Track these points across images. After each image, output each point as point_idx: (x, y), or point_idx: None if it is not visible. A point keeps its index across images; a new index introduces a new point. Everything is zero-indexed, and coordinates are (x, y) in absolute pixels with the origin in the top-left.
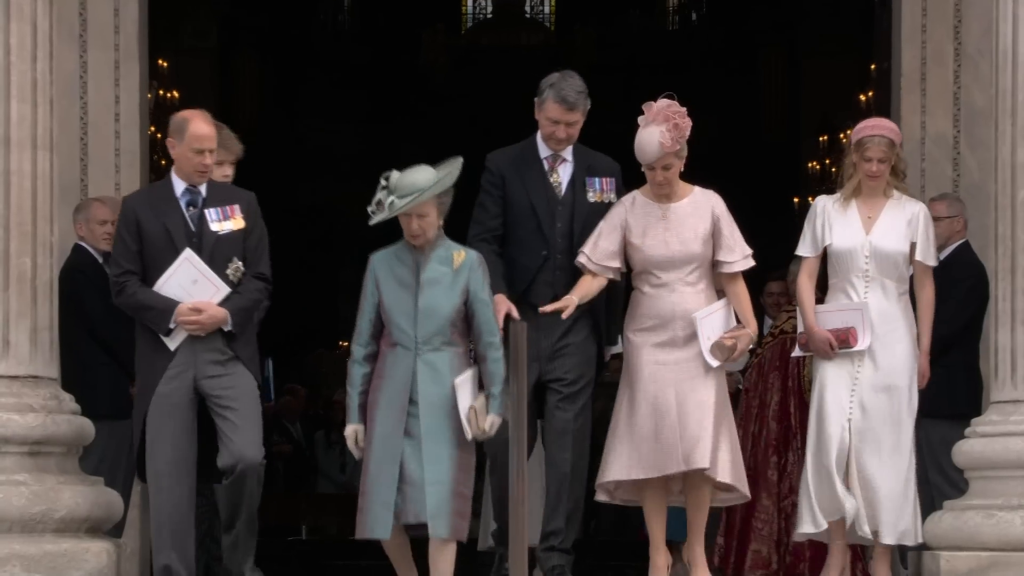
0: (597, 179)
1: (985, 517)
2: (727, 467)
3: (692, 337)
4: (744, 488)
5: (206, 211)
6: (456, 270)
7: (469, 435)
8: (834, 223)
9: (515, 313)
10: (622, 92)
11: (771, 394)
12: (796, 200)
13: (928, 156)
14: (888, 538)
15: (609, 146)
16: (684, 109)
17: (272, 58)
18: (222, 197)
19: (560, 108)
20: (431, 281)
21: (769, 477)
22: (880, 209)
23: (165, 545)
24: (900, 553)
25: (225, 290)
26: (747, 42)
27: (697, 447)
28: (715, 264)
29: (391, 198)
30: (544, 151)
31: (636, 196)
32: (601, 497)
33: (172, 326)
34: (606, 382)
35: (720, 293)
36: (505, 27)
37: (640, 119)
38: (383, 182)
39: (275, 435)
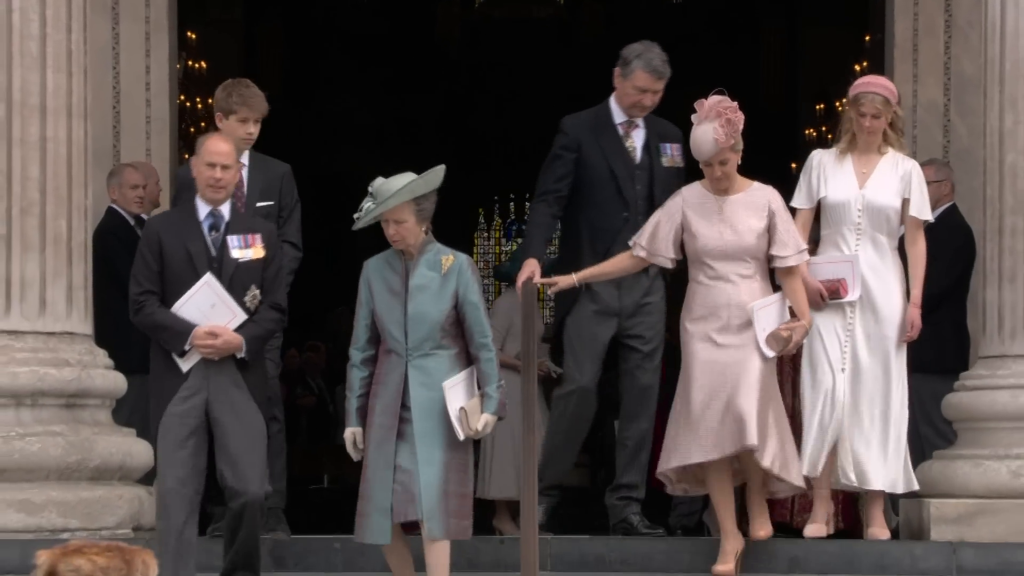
0: (668, 145)
1: (973, 466)
2: (773, 453)
3: (745, 327)
4: (793, 478)
5: (228, 237)
6: (444, 274)
7: (461, 436)
8: (829, 176)
9: (537, 277)
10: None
11: None
12: (793, 166)
13: (920, 123)
14: (877, 484)
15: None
16: (735, 104)
17: (294, 30)
18: (245, 226)
19: (650, 77)
20: (419, 287)
21: None
22: (874, 165)
23: (167, 569)
24: (891, 501)
25: (242, 316)
26: (748, 15)
27: (746, 428)
28: (769, 259)
29: (369, 203)
30: (619, 117)
31: (695, 187)
32: (669, 489)
33: (187, 348)
34: None
35: (777, 288)
36: (516, 0)
37: (693, 117)
38: (369, 190)
39: (299, 389)
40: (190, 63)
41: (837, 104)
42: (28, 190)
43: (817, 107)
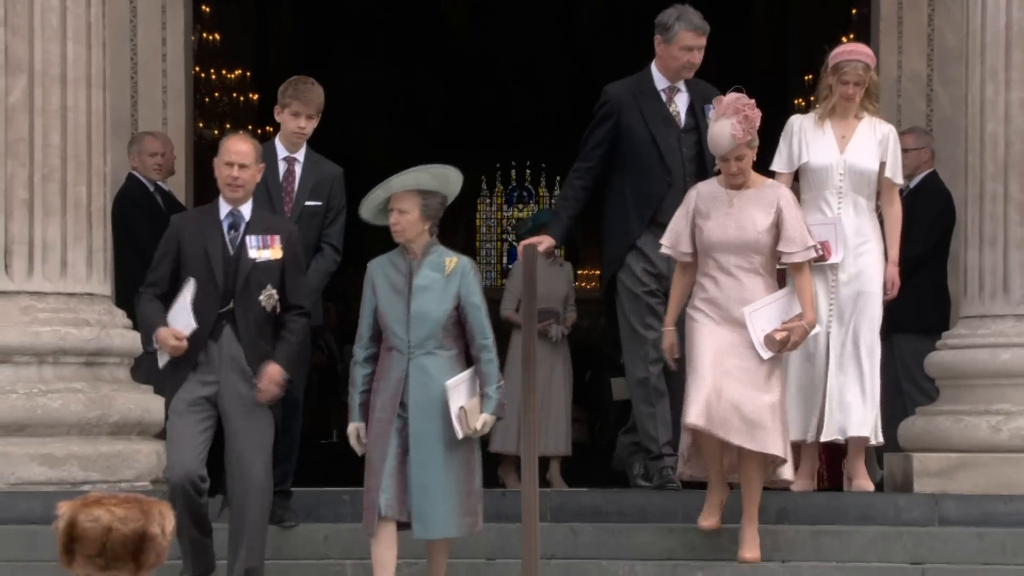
0: (711, 106)
1: (954, 422)
2: (779, 441)
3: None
4: (785, 474)
5: (247, 237)
6: (448, 276)
7: (460, 435)
8: (810, 141)
9: (543, 248)
10: (629, 43)
11: None
12: None
13: (904, 92)
14: (861, 431)
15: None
16: (753, 101)
17: (304, 5)
18: (265, 226)
19: (693, 34)
20: (422, 287)
21: None
22: (853, 129)
23: (187, 566)
24: (876, 455)
25: (192, 327)
26: None
27: (756, 432)
28: (777, 255)
29: (377, 191)
30: (661, 83)
31: (711, 182)
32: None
33: (155, 347)
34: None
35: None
36: None
37: (710, 113)
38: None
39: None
40: (204, 35)
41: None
42: (50, 157)
43: (806, 78)
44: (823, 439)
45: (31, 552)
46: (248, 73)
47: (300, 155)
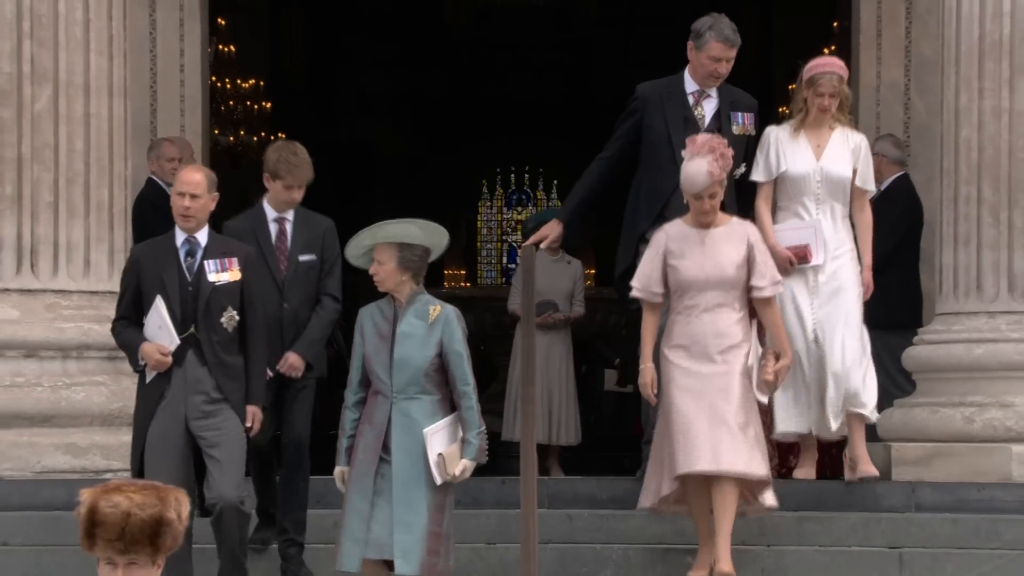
0: (740, 114)
1: (930, 413)
2: (755, 470)
3: (723, 352)
4: (766, 501)
5: (205, 262)
6: (431, 324)
7: (439, 480)
8: (787, 151)
9: (551, 237)
10: (622, 47)
11: None
12: None
13: (883, 101)
14: (859, 408)
15: (606, 110)
16: (725, 141)
17: (315, 13)
18: (222, 250)
19: (723, 46)
20: (406, 334)
21: None
22: (827, 138)
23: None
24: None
25: (176, 343)
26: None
27: (725, 455)
28: (748, 289)
29: (364, 238)
30: (690, 87)
31: (678, 223)
32: (654, 509)
33: (142, 364)
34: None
35: (756, 317)
36: None
37: (684, 152)
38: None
39: None
40: (220, 47)
41: None
42: (73, 162)
43: (790, 87)
44: (833, 429)
45: (55, 536)
46: (261, 83)
47: (289, 214)
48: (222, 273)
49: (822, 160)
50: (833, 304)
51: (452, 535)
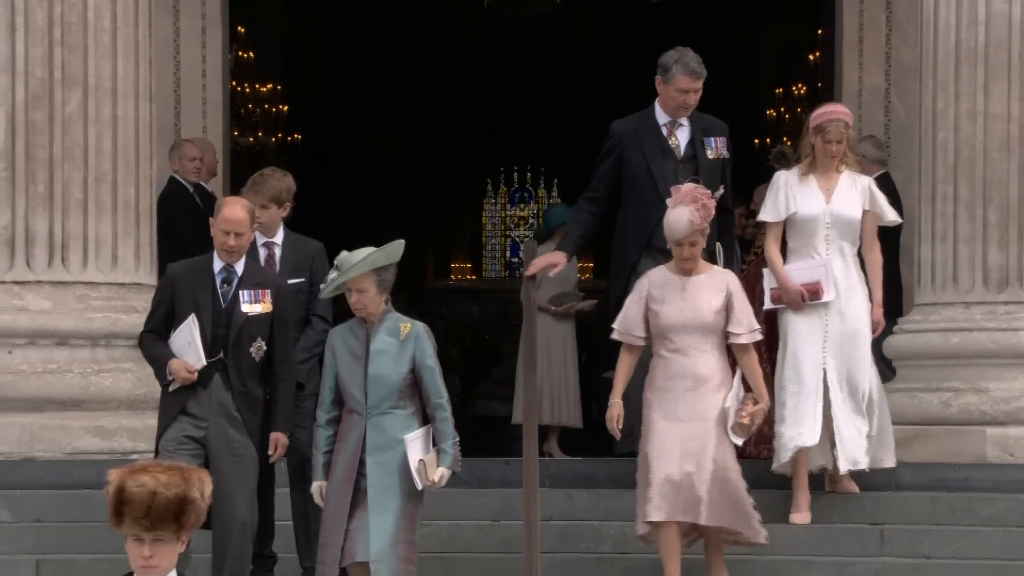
0: (713, 139)
1: (909, 398)
2: (730, 520)
3: (705, 395)
4: (755, 535)
5: (240, 292)
6: (403, 341)
7: (419, 485)
8: (797, 194)
9: (554, 271)
10: (616, 62)
11: (755, 306)
12: (756, 141)
13: (864, 104)
14: (860, 465)
15: (602, 113)
16: (709, 191)
17: (329, 24)
18: (256, 280)
19: (689, 78)
20: (379, 351)
21: None
22: (835, 181)
23: None
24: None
25: (202, 363)
26: (717, 14)
27: (702, 506)
28: (726, 335)
29: (334, 274)
30: (662, 119)
31: (660, 270)
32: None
33: (169, 378)
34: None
35: (734, 362)
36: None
37: (668, 200)
38: (336, 262)
39: None
40: (240, 53)
41: (794, 88)
42: (102, 161)
43: (776, 91)
44: (841, 471)
45: (86, 514)
46: (279, 87)
47: (278, 238)
48: (255, 304)
49: (832, 202)
50: (845, 347)
51: (417, 545)
